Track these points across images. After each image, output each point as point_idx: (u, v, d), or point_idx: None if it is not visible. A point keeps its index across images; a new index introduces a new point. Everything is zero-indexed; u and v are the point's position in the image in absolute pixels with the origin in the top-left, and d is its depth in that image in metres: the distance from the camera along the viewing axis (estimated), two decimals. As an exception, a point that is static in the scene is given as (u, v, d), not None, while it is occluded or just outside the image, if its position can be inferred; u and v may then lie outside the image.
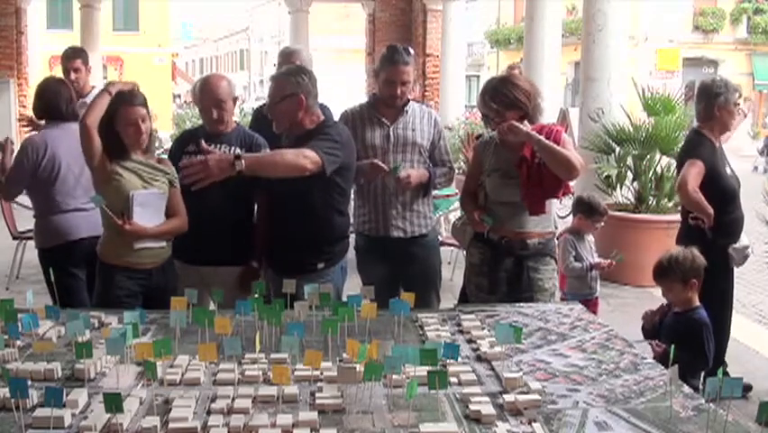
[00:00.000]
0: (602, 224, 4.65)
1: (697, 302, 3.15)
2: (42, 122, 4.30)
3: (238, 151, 3.51)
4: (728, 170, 4.15)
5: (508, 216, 3.40)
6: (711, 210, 4.04)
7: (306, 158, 3.06)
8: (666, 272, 3.21)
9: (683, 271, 3.17)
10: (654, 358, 2.78)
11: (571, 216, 4.77)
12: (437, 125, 3.91)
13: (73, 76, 5.13)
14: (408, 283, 3.54)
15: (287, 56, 4.35)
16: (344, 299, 2.91)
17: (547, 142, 3.28)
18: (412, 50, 3.79)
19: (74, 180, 4.07)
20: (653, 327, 3.41)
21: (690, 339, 3.15)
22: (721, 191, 4.07)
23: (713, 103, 4.11)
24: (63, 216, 4.06)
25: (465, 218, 3.69)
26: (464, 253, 3.96)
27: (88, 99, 4.98)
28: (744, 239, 4.14)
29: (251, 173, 2.99)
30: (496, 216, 3.38)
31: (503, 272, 3.42)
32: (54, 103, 4.16)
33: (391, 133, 3.76)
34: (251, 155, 3.12)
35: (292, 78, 3.32)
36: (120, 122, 3.24)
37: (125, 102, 3.26)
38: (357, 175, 3.60)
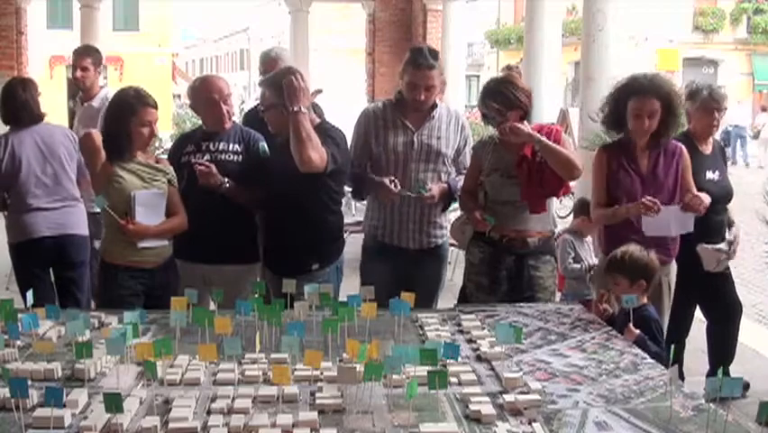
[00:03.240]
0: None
1: (645, 301, 3.13)
2: None
3: (237, 148, 3.56)
4: (712, 175, 4.03)
5: (509, 215, 3.41)
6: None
7: (320, 152, 3.12)
8: (617, 266, 3.18)
9: (634, 270, 3.13)
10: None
11: (570, 215, 4.76)
12: (464, 131, 3.71)
13: (79, 73, 5.08)
14: (410, 289, 3.47)
15: (270, 62, 4.24)
16: (340, 299, 2.92)
17: (549, 142, 3.31)
18: (439, 52, 3.59)
19: (35, 180, 4.12)
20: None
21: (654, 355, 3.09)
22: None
23: (685, 106, 4.08)
24: (26, 214, 4.13)
25: (464, 218, 3.69)
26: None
27: (95, 102, 5.00)
28: (722, 244, 4.06)
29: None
30: (497, 216, 3.39)
31: (504, 271, 3.43)
32: (13, 107, 4.19)
33: (415, 140, 3.57)
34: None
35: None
36: (136, 121, 3.25)
37: (144, 103, 3.27)
38: (367, 186, 3.55)
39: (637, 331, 2.87)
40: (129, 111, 3.26)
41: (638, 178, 3.53)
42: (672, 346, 2.51)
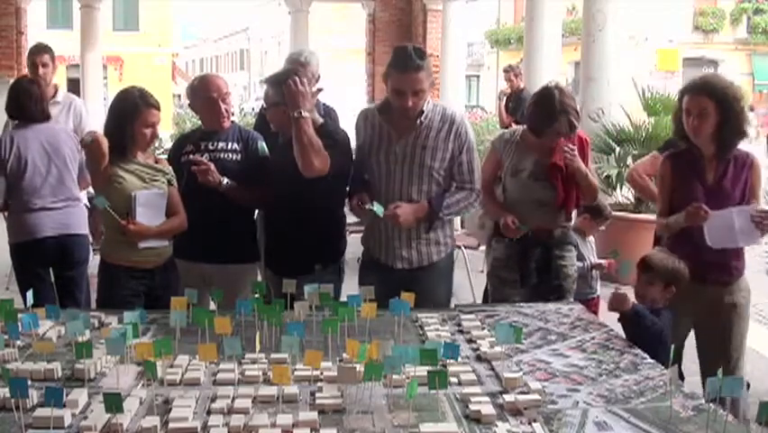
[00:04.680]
0: (604, 227, 4.66)
1: (661, 304, 3.16)
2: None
3: (236, 147, 3.56)
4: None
5: (536, 212, 3.50)
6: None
7: (322, 158, 3.10)
8: (656, 267, 3.19)
9: (671, 274, 3.16)
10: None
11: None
12: (460, 138, 3.27)
13: (41, 71, 5.03)
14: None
15: (298, 65, 4.09)
16: (342, 299, 2.92)
17: (590, 176, 3.53)
18: (426, 51, 3.20)
19: (41, 180, 4.10)
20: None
21: (651, 336, 3.12)
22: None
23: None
24: (30, 214, 4.10)
25: (482, 211, 3.71)
26: (464, 250, 3.91)
27: (59, 98, 4.99)
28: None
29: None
30: (526, 219, 3.46)
31: (533, 263, 3.52)
32: (25, 103, 4.17)
33: (397, 150, 3.26)
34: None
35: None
36: (140, 122, 3.26)
37: (148, 104, 3.28)
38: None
39: (632, 301, 2.93)
40: (133, 112, 3.26)
41: (702, 189, 3.27)
42: (672, 346, 2.51)
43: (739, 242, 3.23)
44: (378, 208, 3.11)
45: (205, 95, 3.55)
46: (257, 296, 2.73)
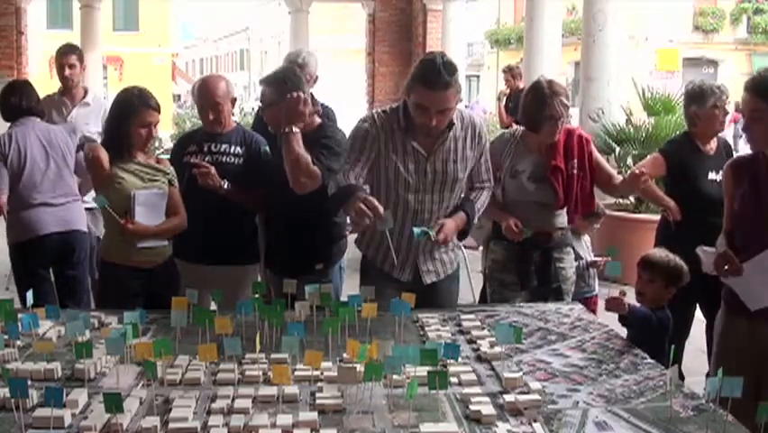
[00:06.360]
0: (598, 225, 4.65)
1: (662, 304, 3.17)
2: None
3: (239, 150, 3.56)
4: (715, 176, 3.96)
5: (534, 213, 3.50)
6: (668, 201, 4.05)
7: (311, 175, 3.06)
8: (657, 266, 3.20)
9: (672, 275, 3.18)
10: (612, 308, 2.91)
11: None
12: (481, 143, 3.14)
13: (67, 72, 4.99)
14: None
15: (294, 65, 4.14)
16: (343, 298, 2.91)
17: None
18: (456, 64, 2.90)
19: (41, 175, 4.12)
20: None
21: (655, 335, 3.13)
22: (694, 194, 3.97)
23: (690, 108, 4.08)
24: (31, 210, 4.10)
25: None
26: (464, 250, 3.87)
27: (89, 99, 4.97)
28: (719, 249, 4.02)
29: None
30: (525, 221, 3.45)
31: (533, 266, 3.52)
32: (18, 103, 4.19)
33: (428, 169, 3.01)
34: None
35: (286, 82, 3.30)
36: (136, 122, 3.25)
37: (146, 104, 3.28)
38: (342, 204, 2.91)
39: (629, 303, 2.92)
40: (130, 110, 3.25)
41: (762, 203, 2.83)
42: (672, 346, 2.51)
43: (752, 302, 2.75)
44: (431, 231, 2.93)
45: (199, 105, 3.60)
46: (257, 296, 2.73)
